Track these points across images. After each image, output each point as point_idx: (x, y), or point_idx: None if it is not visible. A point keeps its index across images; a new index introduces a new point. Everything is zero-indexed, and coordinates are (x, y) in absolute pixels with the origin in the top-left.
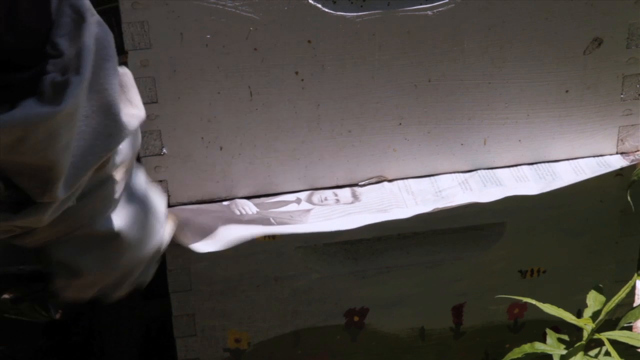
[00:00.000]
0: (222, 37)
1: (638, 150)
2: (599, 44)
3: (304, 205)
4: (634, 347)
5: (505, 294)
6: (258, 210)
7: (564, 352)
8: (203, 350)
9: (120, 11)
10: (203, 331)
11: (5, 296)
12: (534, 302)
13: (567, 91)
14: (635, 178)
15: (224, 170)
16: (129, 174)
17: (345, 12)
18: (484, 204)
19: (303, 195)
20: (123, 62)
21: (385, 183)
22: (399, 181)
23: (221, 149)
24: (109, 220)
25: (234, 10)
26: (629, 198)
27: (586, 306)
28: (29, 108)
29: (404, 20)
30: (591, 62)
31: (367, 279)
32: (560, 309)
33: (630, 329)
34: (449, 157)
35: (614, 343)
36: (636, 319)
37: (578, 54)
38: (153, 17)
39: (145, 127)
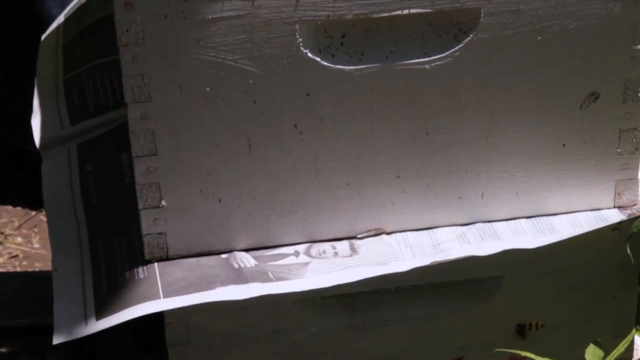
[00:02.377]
0: (222, 90)
1: (635, 204)
2: (596, 99)
3: (302, 259)
4: None
5: (503, 348)
6: (256, 263)
7: None
8: None
9: (121, 64)
10: None
11: (2, 350)
12: (532, 356)
13: (564, 145)
14: (635, 230)
15: (223, 222)
16: None
17: (344, 65)
18: (482, 257)
19: (301, 248)
20: (123, 115)
21: (384, 236)
22: (397, 234)
23: (220, 201)
24: None
25: (233, 63)
26: (628, 251)
27: None
28: None
29: (402, 74)
30: (588, 116)
31: (365, 332)
32: None
33: None
34: (447, 211)
35: None
36: None
37: (575, 108)
38: (153, 70)
39: (145, 179)
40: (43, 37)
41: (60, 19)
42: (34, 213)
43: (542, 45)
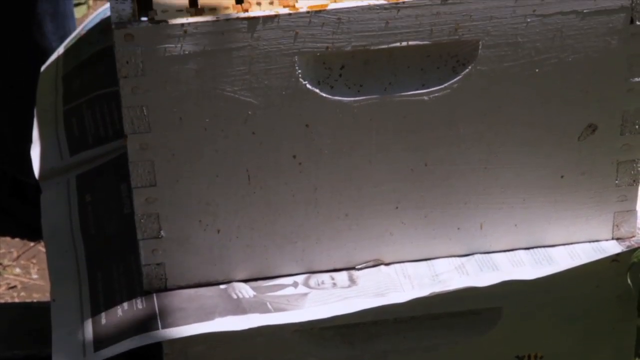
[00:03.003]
0: (221, 121)
1: (634, 236)
2: (594, 130)
3: (301, 289)
4: None
5: None
6: (255, 293)
7: None
8: None
9: (121, 95)
10: None
11: None
12: None
13: (562, 176)
14: (635, 260)
15: (222, 253)
16: None
17: (343, 96)
18: (480, 288)
19: (300, 278)
20: (123, 146)
21: (382, 267)
22: (396, 265)
23: (219, 232)
24: None
25: (232, 94)
26: (628, 281)
27: None
28: None
29: (400, 105)
30: (586, 148)
31: None
32: None
33: None
34: (445, 242)
35: None
36: None
37: (573, 139)
38: (152, 101)
39: (144, 209)
40: (43, 68)
41: (60, 50)
42: (32, 244)
43: (540, 77)
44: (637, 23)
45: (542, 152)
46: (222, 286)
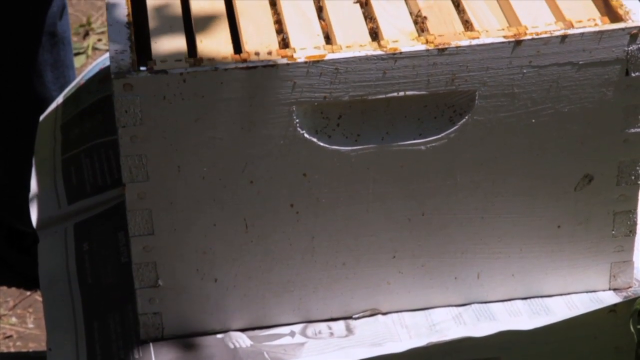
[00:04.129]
0: (219, 170)
1: (631, 287)
2: (590, 181)
3: (298, 339)
4: None
5: None
6: (252, 343)
7: None
8: None
9: (119, 144)
10: None
11: None
12: None
13: (559, 226)
14: (638, 307)
15: (218, 302)
16: None
17: (340, 146)
18: (478, 338)
19: (297, 328)
20: (121, 194)
21: (380, 316)
22: (393, 314)
23: (216, 280)
24: None
25: (230, 143)
26: (631, 328)
27: None
28: None
29: (398, 155)
30: (582, 198)
31: None
32: None
33: None
34: (442, 291)
35: None
36: None
37: (569, 190)
38: (151, 150)
39: (141, 258)
40: (41, 117)
41: (59, 99)
42: (29, 293)
43: (536, 127)
44: (632, 75)
45: (538, 202)
46: (219, 335)
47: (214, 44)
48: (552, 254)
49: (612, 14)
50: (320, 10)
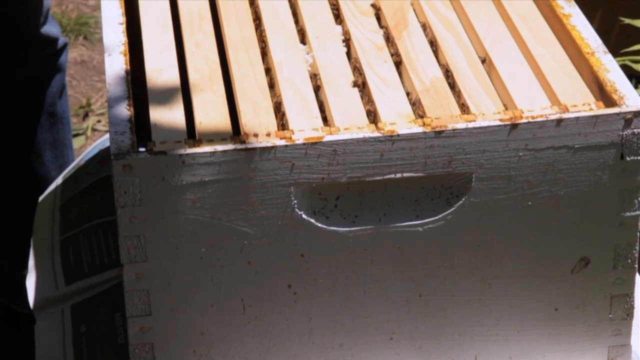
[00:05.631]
0: (217, 251)
1: None
2: (586, 264)
3: None
4: None
5: None
6: None
7: None
8: None
9: (118, 225)
10: None
11: None
12: None
13: (556, 309)
14: None
15: None
16: None
17: (338, 227)
18: None
19: None
20: (119, 275)
21: None
22: None
23: None
24: None
25: (229, 224)
26: None
27: None
28: None
29: (395, 236)
30: (579, 281)
31: None
32: None
33: None
34: None
35: None
36: None
37: (566, 272)
38: (149, 230)
39: (138, 339)
40: (40, 198)
41: (59, 180)
42: None
43: (532, 210)
44: (628, 159)
45: (536, 284)
46: None
47: (213, 125)
48: (549, 336)
49: (606, 99)
50: (318, 91)
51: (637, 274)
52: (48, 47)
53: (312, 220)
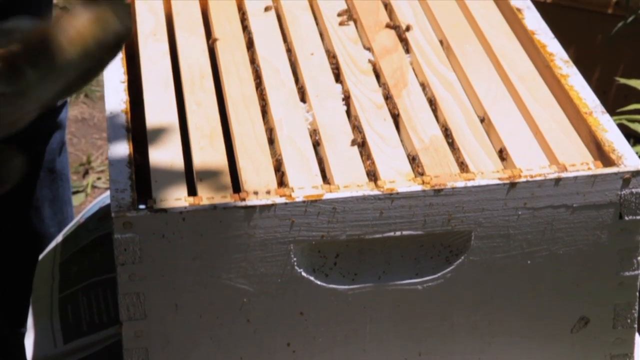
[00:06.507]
0: (216, 309)
1: None
2: (586, 323)
3: None
4: None
5: None
6: None
7: None
8: None
9: (118, 282)
10: None
11: None
12: None
13: None
14: None
15: None
16: None
17: (337, 285)
18: None
19: None
20: (117, 332)
21: None
22: None
23: None
24: None
25: (228, 282)
26: None
27: None
28: None
29: (394, 294)
30: (579, 340)
31: None
32: None
33: None
34: None
35: None
36: None
37: (566, 332)
38: (149, 288)
39: None
40: (40, 256)
41: (59, 238)
42: None
43: (531, 269)
44: (626, 218)
45: (535, 343)
46: None
47: (213, 182)
48: None
49: (604, 158)
50: (318, 148)
51: (636, 334)
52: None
53: (312, 278)
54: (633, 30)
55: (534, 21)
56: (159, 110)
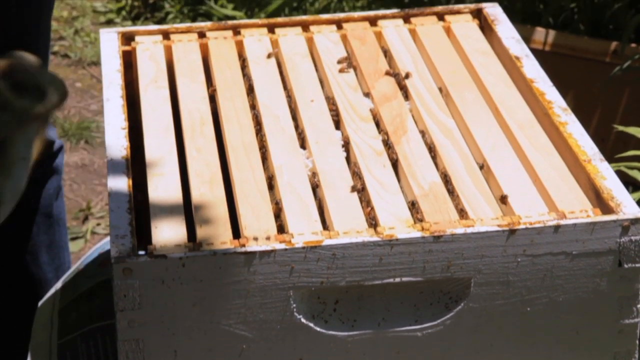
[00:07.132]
0: (215, 355)
1: None
2: None
3: None
4: None
5: None
6: None
7: None
8: None
9: (117, 328)
10: None
11: None
12: None
13: None
14: None
15: None
16: None
17: (337, 331)
18: None
19: None
20: None
21: None
22: None
23: None
24: None
25: (227, 327)
26: None
27: None
28: None
29: (393, 341)
30: None
31: None
32: None
33: None
34: None
35: None
36: None
37: None
38: (148, 334)
39: None
40: (40, 302)
41: (58, 285)
42: None
43: (531, 316)
44: (625, 266)
45: None
46: None
47: (213, 228)
48: None
49: (603, 206)
50: (317, 194)
51: None
52: (44, 149)
53: (311, 325)
54: (630, 77)
55: (532, 69)
56: (159, 156)
